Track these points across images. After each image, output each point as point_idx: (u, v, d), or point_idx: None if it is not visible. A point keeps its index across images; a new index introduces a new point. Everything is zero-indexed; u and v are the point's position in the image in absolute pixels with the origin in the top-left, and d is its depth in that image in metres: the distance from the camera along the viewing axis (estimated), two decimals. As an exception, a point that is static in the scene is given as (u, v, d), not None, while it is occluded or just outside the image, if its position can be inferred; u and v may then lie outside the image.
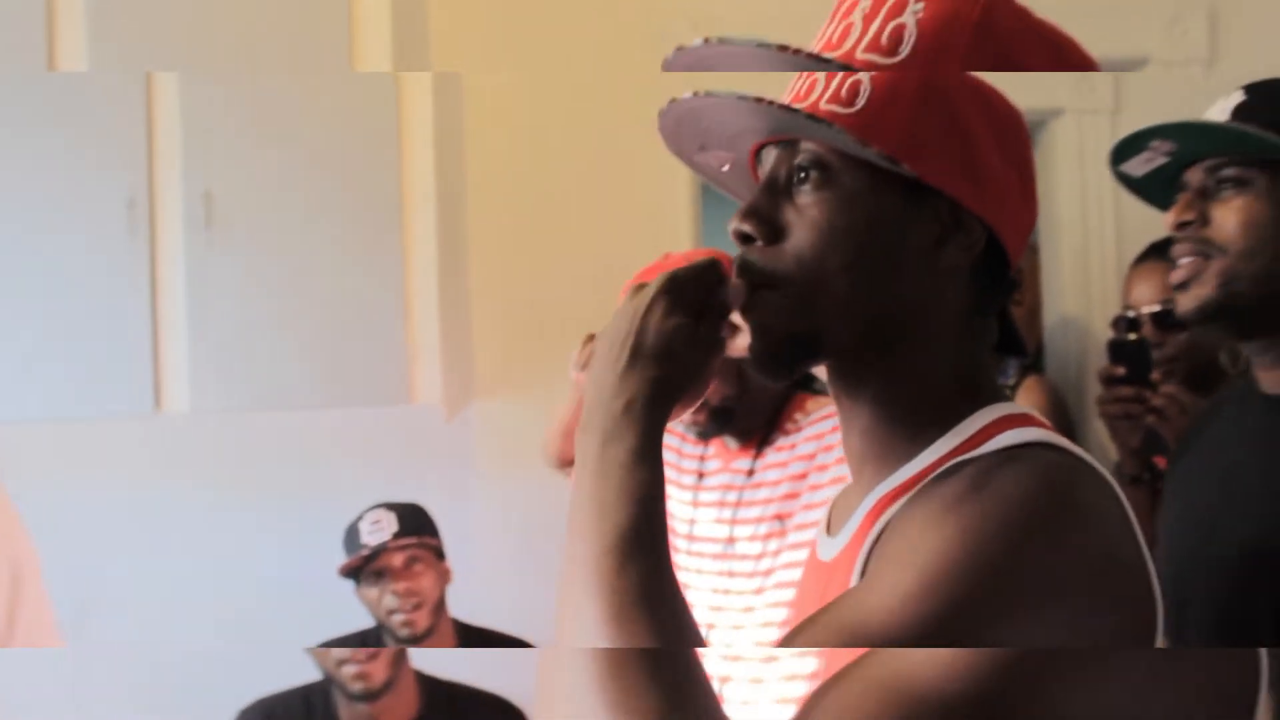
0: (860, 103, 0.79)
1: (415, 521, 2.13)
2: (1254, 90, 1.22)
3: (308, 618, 2.26)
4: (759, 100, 0.80)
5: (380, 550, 2.06)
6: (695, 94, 0.83)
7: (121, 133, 2.26)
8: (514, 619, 2.28)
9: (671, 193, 2.57)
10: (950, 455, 0.79)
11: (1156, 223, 2.43)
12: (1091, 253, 2.53)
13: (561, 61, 2.58)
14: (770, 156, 0.85)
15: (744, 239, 0.83)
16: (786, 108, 0.80)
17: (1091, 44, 2.83)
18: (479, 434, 2.61)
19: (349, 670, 1.97)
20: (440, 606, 2.13)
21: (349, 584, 2.14)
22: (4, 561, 1.40)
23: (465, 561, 2.21)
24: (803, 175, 0.82)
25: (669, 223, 2.59)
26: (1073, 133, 2.54)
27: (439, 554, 2.15)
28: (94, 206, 2.25)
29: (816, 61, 0.80)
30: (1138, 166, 1.28)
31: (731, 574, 1.73)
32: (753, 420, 1.78)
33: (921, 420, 0.83)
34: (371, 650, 1.99)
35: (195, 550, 2.54)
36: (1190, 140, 1.22)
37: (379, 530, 2.08)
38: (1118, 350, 1.81)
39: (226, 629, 2.53)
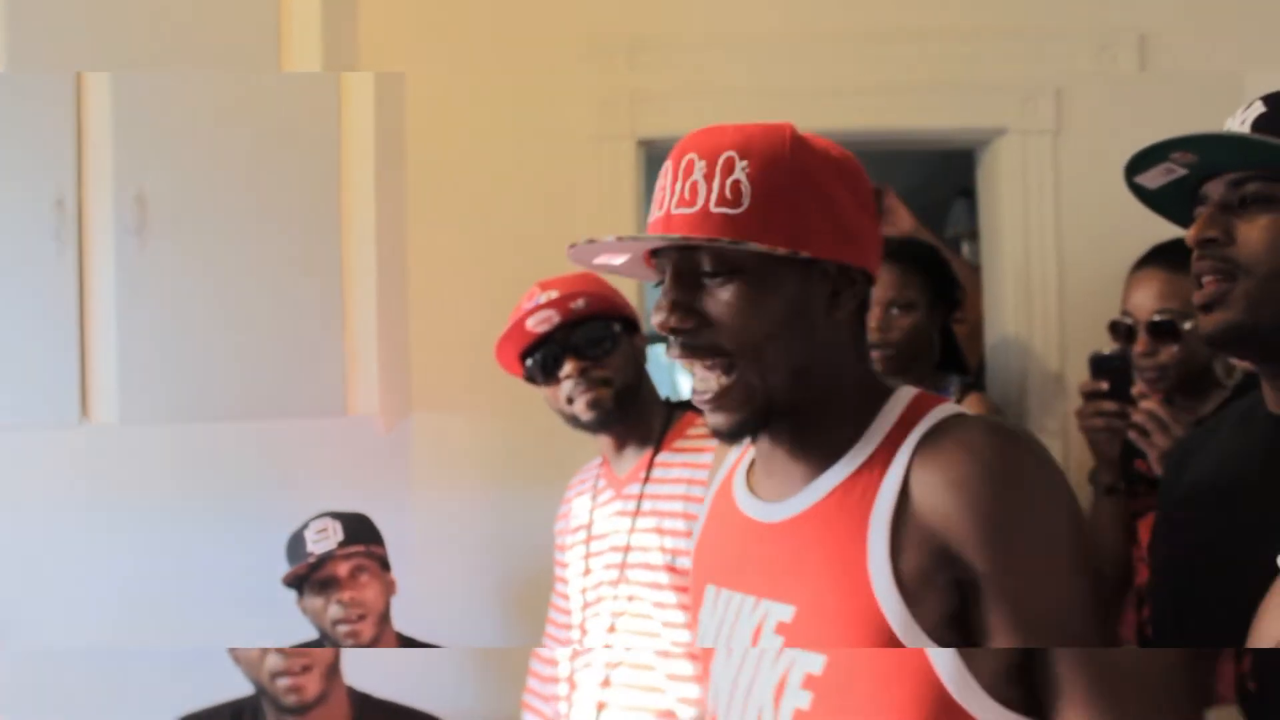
0: (745, 202, 1.00)
1: (361, 530, 2.10)
2: (1274, 101, 1.16)
3: (244, 631, 2.22)
4: (664, 240, 1.02)
5: (326, 559, 2.04)
6: (614, 239, 1.05)
7: (49, 131, 2.18)
8: (452, 633, 2.24)
9: (614, 202, 2.55)
10: (895, 432, 1.03)
11: (1103, 243, 2.45)
12: (1033, 271, 2.54)
13: (500, 66, 2.55)
14: (671, 254, 1.05)
15: (675, 331, 1.03)
16: (691, 242, 1.01)
17: (1026, 67, 2.85)
18: (416, 446, 2.57)
19: (283, 682, 1.93)
20: (385, 618, 2.10)
21: (286, 596, 2.10)
22: None
23: (403, 575, 2.18)
24: (709, 271, 1.02)
25: (611, 232, 2.57)
26: (1016, 152, 2.56)
27: (384, 564, 2.12)
28: (19, 206, 2.17)
29: (705, 241, 1.01)
30: (1153, 179, 1.23)
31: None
32: (646, 424, 1.83)
33: (843, 425, 1.06)
34: (305, 661, 1.95)
35: (124, 563, 2.48)
36: (1213, 153, 1.17)
37: (325, 539, 2.05)
38: (1099, 365, 1.83)
39: (159, 642, 2.46)
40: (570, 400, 1.79)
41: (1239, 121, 1.17)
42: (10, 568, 2.45)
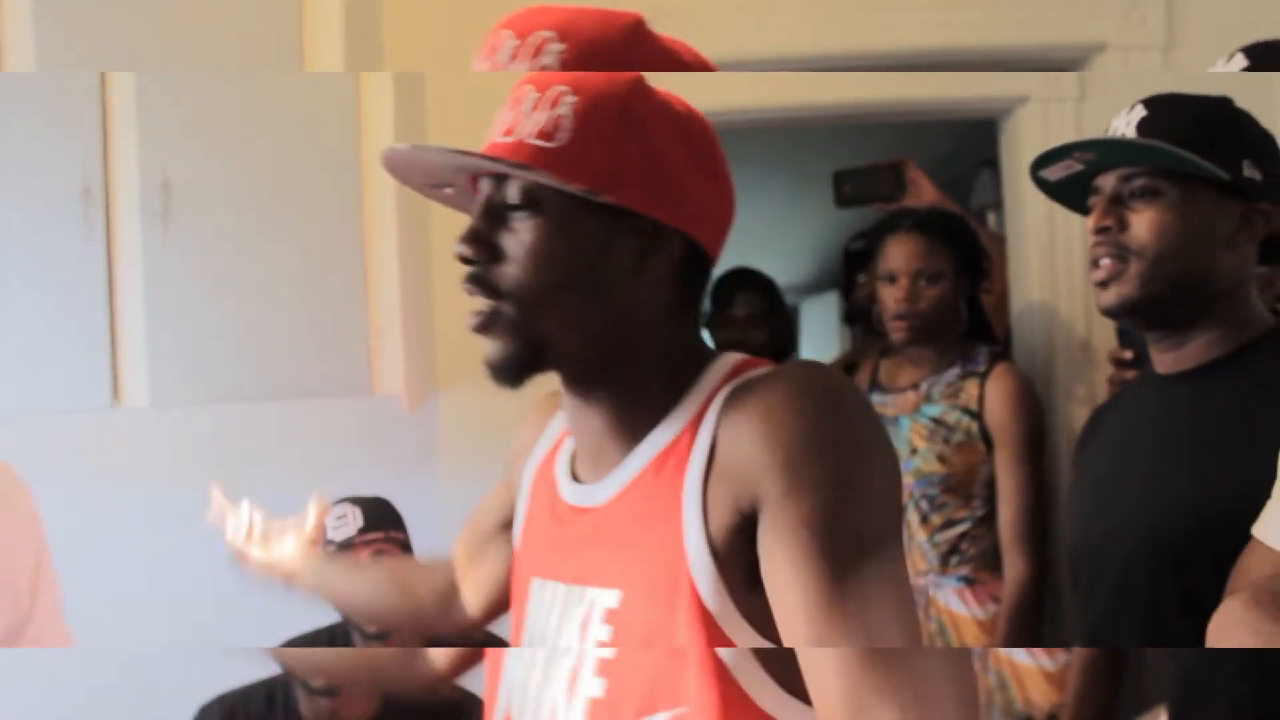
0: (562, 137, 0.94)
1: (381, 515, 2.11)
2: (1153, 105, 1.36)
3: (271, 613, 2.23)
4: (467, 154, 0.94)
5: (347, 545, 2.04)
6: (412, 146, 0.97)
7: (75, 119, 2.20)
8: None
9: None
10: (711, 396, 0.94)
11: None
12: (1057, 239, 2.52)
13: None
14: (486, 184, 0.98)
15: (467, 261, 0.96)
16: (494, 159, 0.94)
17: (1049, 30, 2.82)
18: (442, 425, 2.58)
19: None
20: None
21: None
22: (29, 552, 1.47)
23: (430, 555, 2.19)
24: (514, 204, 0.95)
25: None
26: (1039, 120, 2.54)
27: (406, 548, 2.13)
28: (48, 194, 2.19)
29: (492, 161, 0.94)
30: (1055, 173, 1.44)
31: None
32: None
33: (659, 393, 0.97)
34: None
35: (155, 545, 2.50)
36: (1109, 153, 1.35)
37: (344, 525, 2.06)
38: (1126, 334, 1.87)
39: (189, 625, 2.49)
40: None
41: (1124, 122, 1.36)
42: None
